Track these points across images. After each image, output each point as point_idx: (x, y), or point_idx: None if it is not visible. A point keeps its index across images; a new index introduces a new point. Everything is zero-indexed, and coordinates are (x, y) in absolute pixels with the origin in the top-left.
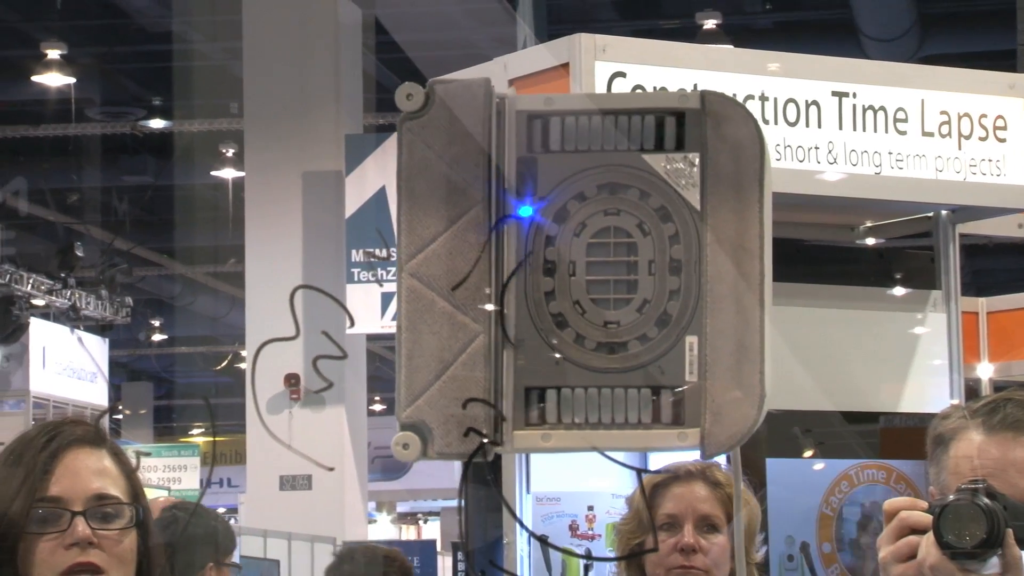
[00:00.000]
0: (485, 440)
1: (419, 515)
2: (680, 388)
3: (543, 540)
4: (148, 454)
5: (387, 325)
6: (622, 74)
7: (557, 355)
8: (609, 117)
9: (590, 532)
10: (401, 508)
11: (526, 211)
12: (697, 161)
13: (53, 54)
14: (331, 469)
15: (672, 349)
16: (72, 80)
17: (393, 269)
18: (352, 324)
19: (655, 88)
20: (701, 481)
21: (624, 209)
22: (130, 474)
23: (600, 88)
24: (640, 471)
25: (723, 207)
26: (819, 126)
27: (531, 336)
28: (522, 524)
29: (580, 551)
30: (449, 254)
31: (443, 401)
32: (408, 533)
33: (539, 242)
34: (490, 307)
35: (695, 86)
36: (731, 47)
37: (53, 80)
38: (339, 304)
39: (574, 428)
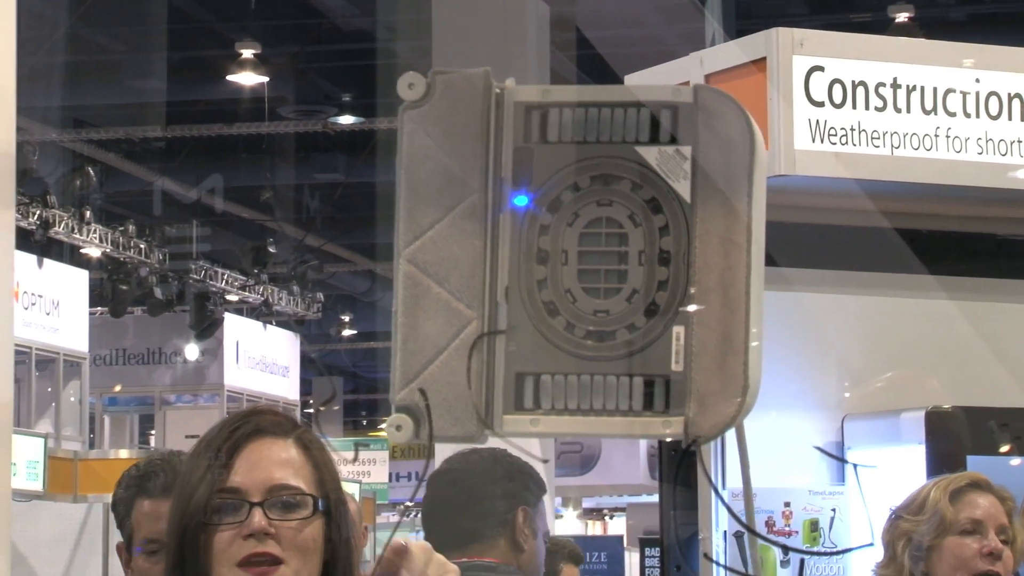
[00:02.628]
0: (694, 441)
1: (605, 511)
2: (665, 377)
3: (752, 531)
4: (367, 446)
5: None
6: (820, 68)
7: (548, 342)
8: (604, 109)
9: (787, 528)
10: (587, 503)
11: (521, 201)
12: (689, 154)
13: (247, 53)
14: (545, 461)
15: (659, 339)
16: (266, 79)
17: None
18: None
19: (854, 83)
20: (992, 492)
21: (616, 200)
22: (320, 464)
23: (798, 82)
24: (856, 465)
25: (712, 200)
26: (1022, 119)
27: (523, 323)
28: (735, 515)
29: (777, 549)
30: (446, 241)
31: (436, 385)
32: (594, 528)
33: (533, 231)
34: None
35: (894, 80)
36: (927, 40)
37: (247, 79)
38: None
39: (562, 414)
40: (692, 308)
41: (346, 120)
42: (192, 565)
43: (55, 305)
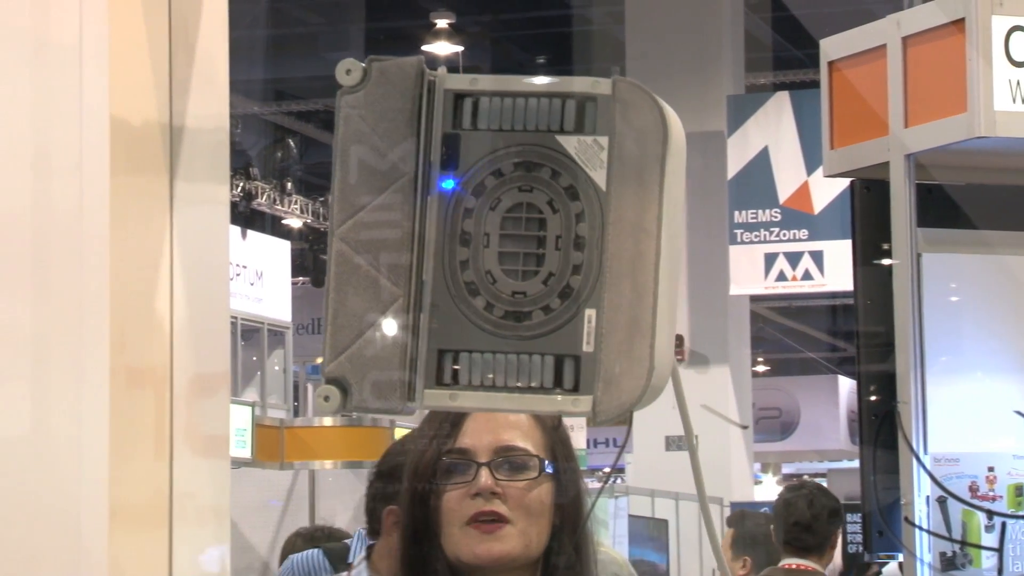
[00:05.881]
0: None
1: (805, 476)
2: (577, 357)
3: (952, 494)
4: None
5: (770, 286)
6: (1020, 28)
7: (468, 321)
8: (528, 99)
9: (991, 493)
10: (786, 469)
11: (448, 184)
12: (605, 144)
13: (442, 23)
14: (744, 427)
15: (572, 320)
16: (460, 48)
17: (776, 229)
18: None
19: None
20: None
21: (537, 186)
22: (548, 428)
23: (997, 43)
24: None
25: (626, 189)
26: None
27: (445, 301)
28: (936, 480)
29: (981, 513)
30: (376, 221)
31: (362, 359)
32: None
33: (458, 214)
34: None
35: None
36: None
37: (442, 49)
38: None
39: (479, 389)
40: (604, 292)
41: None
42: (423, 526)
43: (259, 276)
